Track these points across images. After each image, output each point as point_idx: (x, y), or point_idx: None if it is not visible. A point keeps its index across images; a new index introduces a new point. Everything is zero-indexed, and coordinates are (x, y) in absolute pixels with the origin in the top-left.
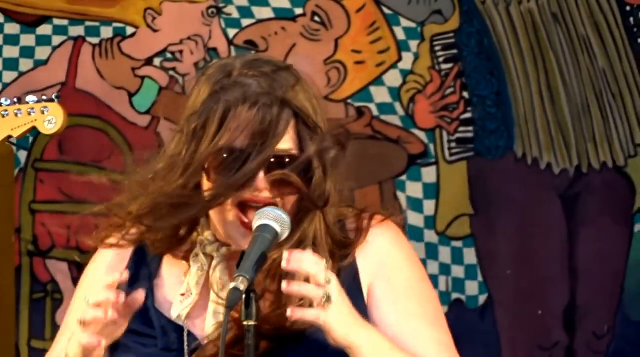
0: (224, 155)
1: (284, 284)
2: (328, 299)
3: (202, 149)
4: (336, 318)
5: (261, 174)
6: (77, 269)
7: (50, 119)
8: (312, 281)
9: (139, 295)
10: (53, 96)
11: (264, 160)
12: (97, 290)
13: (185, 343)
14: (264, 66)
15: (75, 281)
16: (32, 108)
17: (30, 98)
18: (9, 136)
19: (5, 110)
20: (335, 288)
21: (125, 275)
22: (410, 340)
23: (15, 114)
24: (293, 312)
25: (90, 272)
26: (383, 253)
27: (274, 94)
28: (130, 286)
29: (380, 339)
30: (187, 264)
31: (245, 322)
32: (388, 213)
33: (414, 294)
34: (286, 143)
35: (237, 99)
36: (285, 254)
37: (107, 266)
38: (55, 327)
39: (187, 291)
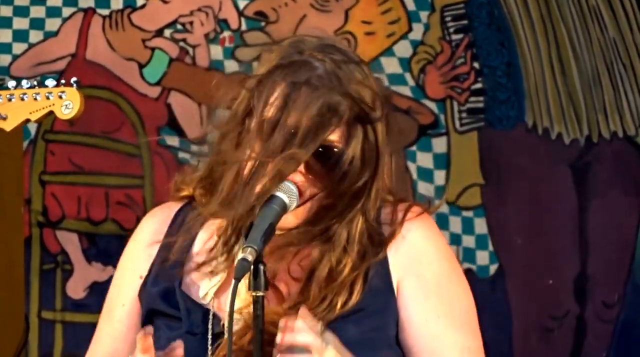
0: (273, 129)
1: None
2: None
3: (255, 117)
4: None
5: None
6: (87, 240)
7: (68, 104)
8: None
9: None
10: (72, 81)
11: (310, 148)
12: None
13: (210, 326)
14: (336, 54)
15: (85, 252)
16: (50, 92)
17: (50, 82)
18: (27, 120)
19: (25, 93)
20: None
21: (149, 329)
22: (434, 344)
23: (35, 98)
24: None
25: (127, 248)
26: (415, 248)
27: (336, 84)
28: (162, 259)
29: None
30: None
31: (253, 293)
32: (425, 206)
33: (444, 293)
34: (335, 135)
35: (301, 79)
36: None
37: (142, 244)
38: (65, 299)
39: (215, 268)
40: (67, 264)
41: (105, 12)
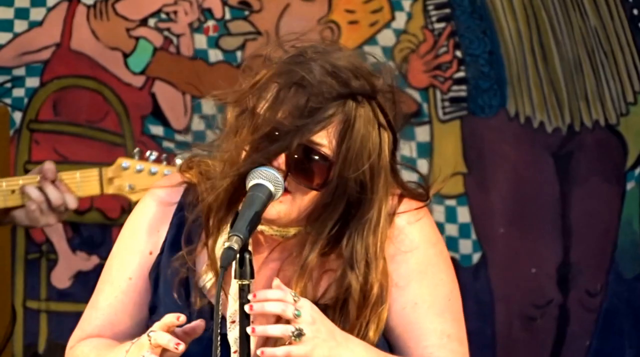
0: (260, 125)
1: (248, 329)
2: (299, 334)
3: (248, 112)
4: (312, 348)
5: (282, 154)
6: (71, 230)
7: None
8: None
9: (200, 325)
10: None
11: (290, 143)
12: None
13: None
14: (340, 59)
15: (70, 241)
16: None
17: (179, 161)
18: None
19: (154, 167)
20: (307, 319)
21: (182, 319)
22: (412, 330)
23: (166, 176)
24: (263, 353)
25: (132, 222)
26: (401, 234)
27: (328, 87)
28: (171, 250)
29: (367, 353)
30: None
31: (239, 282)
32: (418, 198)
33: (426, 279)
34: (323, 138)
35: (294, 79)
36: (250, 296)
37: (150, 221)
38: (50, 288)
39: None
40: (51, 254)
41: (90, 1)
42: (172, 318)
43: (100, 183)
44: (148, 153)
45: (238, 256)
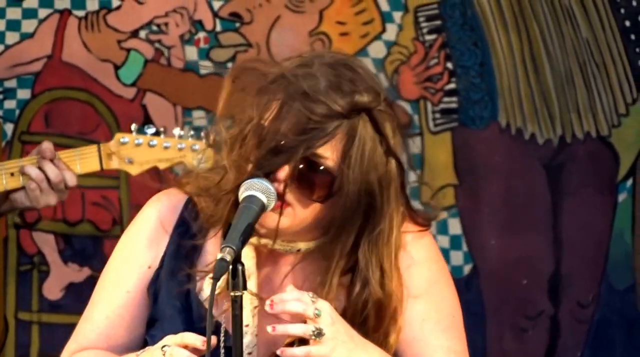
0: (264, 137)
1: (269, 328)
2: (319, 333)
3: (252, 124)
4: (331, 349)
5: (286, 167)
6: (63, 241)
7: (202, 159)
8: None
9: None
10: (203, 135)
11: (293, 156)
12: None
13: (222, 338)
14: (345, 71)
15: (62, 253)
16: (182, 143)
17: (177, 132)
18: (155, 167)
19: (153, 140)
20: (327, 320)
21: (203, 344)
22: (418, 347)
23: (165, 148)
24: (282, 353)
25: (131, 235)
26: (406, 252)
27: (335, 99)
28: (171, 264)
29: None
30: None
31: (232, 294)
32: (420, 221)
33: (431, 296)
34: (327, 151)
35: (299, 91)
36: (267, 302)
37: (149, 234)
38: (42, 299)
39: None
40: (43, 265)
41: (81, 13)
42: (194, 340)
43: (100, 159)
44: (146, 127)
45: (231, 267)
